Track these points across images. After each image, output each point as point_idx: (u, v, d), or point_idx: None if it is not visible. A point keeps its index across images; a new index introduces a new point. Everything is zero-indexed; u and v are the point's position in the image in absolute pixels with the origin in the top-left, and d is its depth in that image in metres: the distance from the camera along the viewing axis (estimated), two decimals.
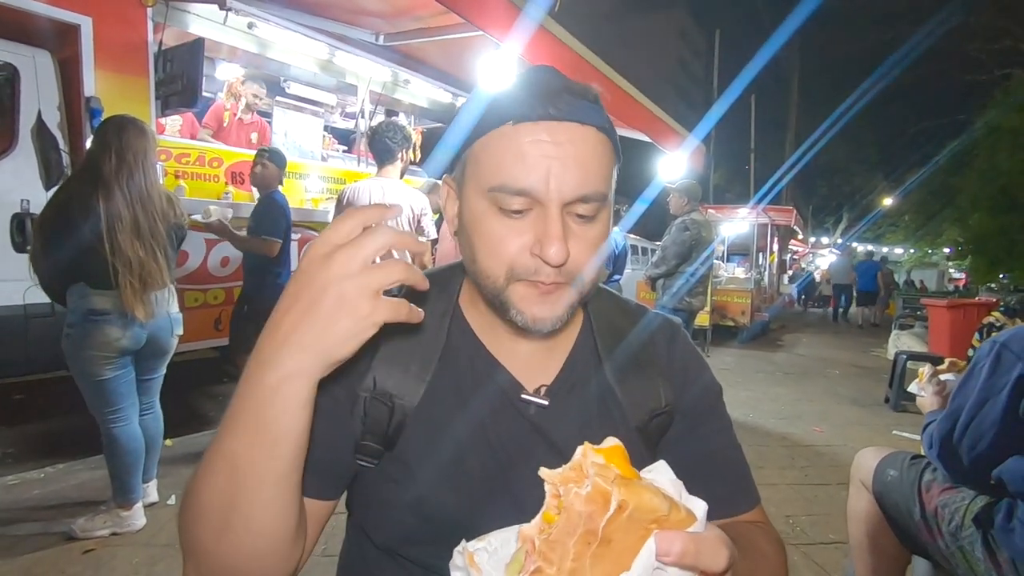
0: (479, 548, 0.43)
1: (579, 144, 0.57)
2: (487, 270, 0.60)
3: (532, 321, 0.59)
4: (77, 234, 2.02)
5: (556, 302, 0.59)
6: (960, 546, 1.31)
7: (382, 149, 2.96)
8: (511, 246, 0.58)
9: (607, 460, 0.36)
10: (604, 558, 0.34)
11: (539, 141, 0.56)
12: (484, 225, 0.59)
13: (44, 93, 3.04)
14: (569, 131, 0.56)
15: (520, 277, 0.58)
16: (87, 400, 2.16)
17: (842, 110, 20.16)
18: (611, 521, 0.33)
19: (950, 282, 26.44)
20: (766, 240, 12.20)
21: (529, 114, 0.56)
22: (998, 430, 1.23)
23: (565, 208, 0.57)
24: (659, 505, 0.34)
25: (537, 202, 0.56)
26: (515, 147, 0.56)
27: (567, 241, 0.56)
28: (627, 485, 0.34)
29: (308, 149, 4.84)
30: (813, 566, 2.24)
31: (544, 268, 0.57)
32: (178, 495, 2.53)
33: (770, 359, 7.32)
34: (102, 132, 2.13)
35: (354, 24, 4.06)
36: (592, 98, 0.60)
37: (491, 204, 0.58)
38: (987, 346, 1.30)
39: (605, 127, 0.60)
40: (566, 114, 0.56)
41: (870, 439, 3.84)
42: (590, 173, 0.57)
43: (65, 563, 2.01)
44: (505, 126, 0.57)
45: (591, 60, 3.81)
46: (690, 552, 0.35)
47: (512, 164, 0.56)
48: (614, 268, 4.97)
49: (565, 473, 0.36)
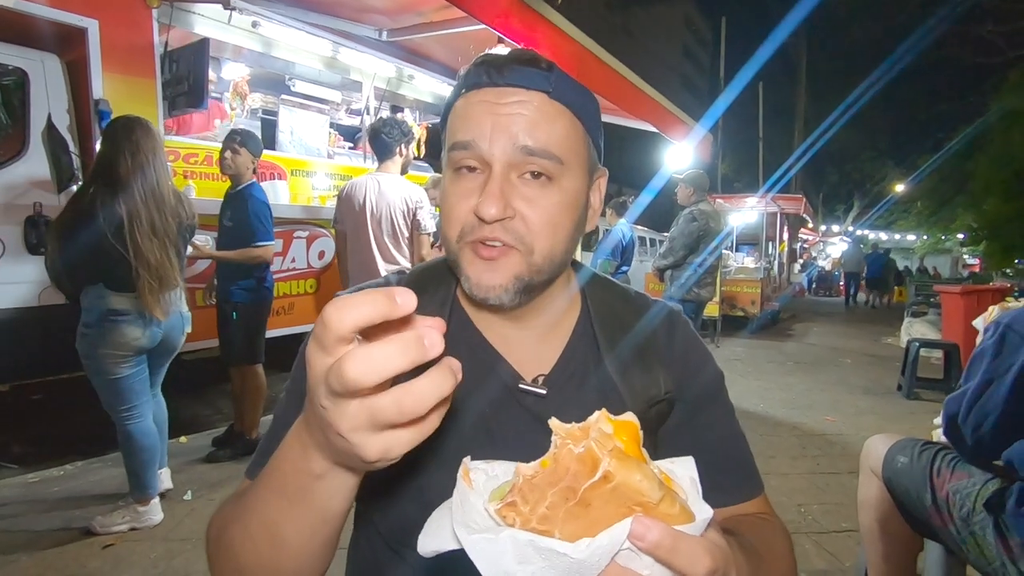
0: (479, 467, 0.44)
1: (523, 105, 0.59)
2: (446, 235, 0.63)
3: (476, 287, 0.60)
4: (99, 237, 2.05)
5: (498, 268, 0.60)
6: (972, 531, 1.30)
7: (380, 145, 2.98)
8: (461, 207, 0.60)
9: (615, 432, 0.36)
10: (577, 517, 0.34)
11: (485, 102, 0.60)
12: (446, 193, 0.63)
13: (53, 96, 3.08)
14: (515, 94, 0.59)
15: (467, 238, 0.60)
16: (102, 398, 2.20)
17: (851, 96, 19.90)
18: (593, 487, 0.33)
19: (964, 268, 26.09)
20: (775, 229, 12.08)
21: (477, 82, 0.61)
22: (1002, 411, 1.23)
23: (513, 168, 0.59)
24: (648, 491, 0.34)
25: (485, 163, 0.59)
26: (465, 110, 0.61)
27: (512, 201, 0.59)
28: (621, 459, 0.34)
29: (314, 146, 4.86)
30: (825, 555, 2.24)
31: (483, 226, 0.58)
32: (194, 491, 2.57)
33: (781, 349, 7.29)
34: (111, 134, 2.16)
35: (357, 20, 4.06)
36: (543, 66, 0.61)
37: (451, 170, 0.62)
38: (992, 327, 1.29)
39: (556, 94, 0.60)
40: (509, 80, 0.60)
41: (882, 427, 3.81)
42: (535, 131, 0.59)
43: (85, 558, 2.05)
44: (461, 97, 0.62)
45: (595, 51, 3.80)
46: (665, 546, 0.33)
47: (461, 123, 0.61)
48: (622, 259, 4.97)
49: (572, 430, 0.37)
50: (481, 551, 0.34)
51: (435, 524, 0.40)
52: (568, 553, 0.32)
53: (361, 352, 0.32)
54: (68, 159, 2.97)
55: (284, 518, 0.46)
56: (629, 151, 17.24)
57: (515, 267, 0.60)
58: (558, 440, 0.37)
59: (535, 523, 0.34)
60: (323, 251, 4.28)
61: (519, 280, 0.60)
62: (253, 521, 0.48)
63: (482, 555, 0.34)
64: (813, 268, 19.44)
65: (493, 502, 0.37)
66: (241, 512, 0.50)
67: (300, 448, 0.42)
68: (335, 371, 0.33)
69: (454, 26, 3.66)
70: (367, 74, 5.02)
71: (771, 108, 18.62)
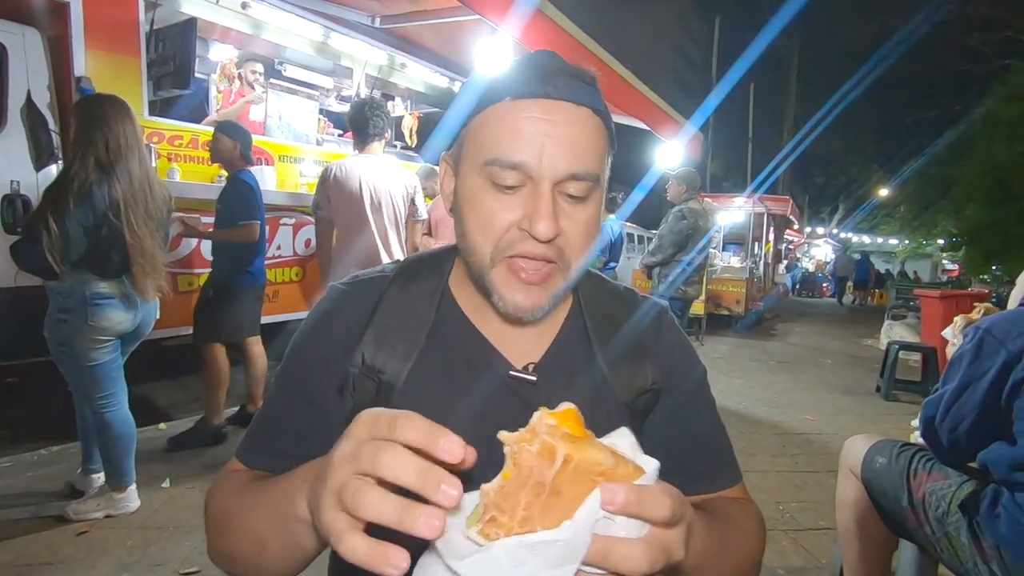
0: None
1: (574, 124, 0.58)
2: (475, 245, 0.61)
3: (513, 308, 0.60)
4: (98, 220, 2.00)
5: (540, 292, 0.60)
6: (946, 532, 1.33)
7: (368, 126, 2.80)
8: (501, 221, 0.58)
9: (560, 422, 0.39)
10: (553, 507, 0.36)
11: (534, 118, 0.57)
12: (477, 200, 0.60)
13: (33, 72, 2.98)
14: (564, 110, 0.58)
15: (505, 253, 0.59)
16: (77, 387, 2.16)
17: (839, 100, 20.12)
18: (559, 474, 0.36)
19: (944, 273, 26.58)
20: (762, 230, 12.21)
21: (526, 91, 0.58)
22: (977, 414, 1.26)
23: (556, 187, 0.58)
24: (603, 459, 0.37)
25: (529, 179, 0.57)
26: (511, 122, 0.58)
27: (557, 219, 0.57)
28: (573, 442, 0.37)
29: (303, 132, 4.78)
30: (802, 552, 2.28)
31: (530, 242, 0.57)
32: (172, 478, 2.54)
33: (764, 348, 7.37)
34: (95, 112, 2.08)
35: (350, 5, 4.01)
36: (589, 80, 0.61)
37: (485, 179, 0.59)
38: (971, 332, 1.32)
39: (600, 110, 0.61)
40: (562, 94, 0.58)
41: (861, 427, 3.87)
42: (583, 152, 0.58)
43: (58, 545, 2.02)
44: (502, 103, 0.59)
45: (588, 45, 3.78)
46: (633, 501, 0.36)
47: (507, 138, 0.57)
48: (610, 256, 4.97)
49: (521, 435, 0.38)
50: (478, 570, 0.35)
51: (423, 570, 0.40)
52: (555, 539, 0.35)
53: (403, 459, 0.36)
54: (47, 137, 2.89)
55: (269, 536, 0.50)
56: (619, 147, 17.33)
57: (555, 286, 0.61)
58: (512, 448, 0.38)
59: (517, 528, 0.36)
60: (309, 239, 4.22)
61: (555, 298, 0.61)
62: (246, 524, 0.53)
63: (480, 573, 0.35)
64: (797, 269, 20.04)
65: (472, 527, 0.37)
66: (239, 509, 0.55)
67: (292, 486, 0.47)
68: (375, 451, 0.36)
69: (448, 15, 3.63)
70: (358, 60, 4.96)
71: (761, 109, 18.80)
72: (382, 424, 0.38)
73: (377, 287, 0.69)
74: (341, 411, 0.65)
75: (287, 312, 4.09)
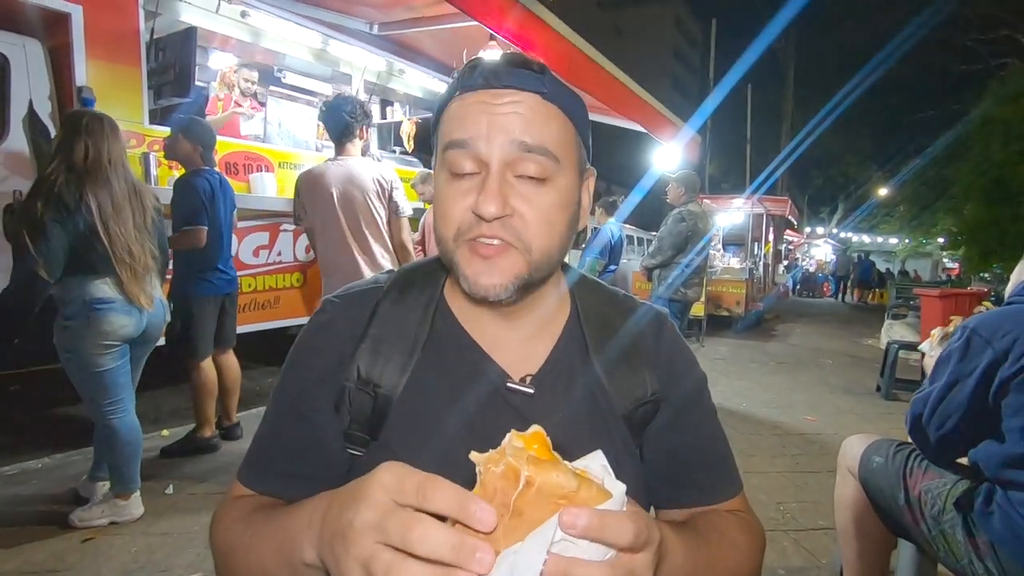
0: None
1: (518, 104, 0.60)
2: (440, 234, 0.63)
3: (476, 286, 0.60)
4: (65, 214, 2.00)
5: (499, 268, 0.60)
6: (942, 530, 1.34)
7: (340, 125, 2.62)
8: (458, 207, 0.60)
9: (526, 445, 0.40)
10: (516, 529, 0.36)
11: (480, 103, 0.60)
12: (440, 191, 0.63)
13: (35, 83, 3.02)
14: (510, 95, 0.60)
15: (465, 237, 0.60)
16: (85, 393, 2.16)
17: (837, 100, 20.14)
18: (521, 496, 0.36)
19: (944, 271, 26.56)
20: (761, 230, 12.22)
21: (473, 85, 0.61)
22: (964, 412, 1.27)
23: (509, 168, 0.59)
24: (566, 482, 0.37)
25: (483, 163, 0.59)
26: (461, 110, 0.62)
27: (511, 199, 0.59)
28: (537, 464, 0.37)
29: (302, 139, 4.81)
30: (803, 552, 2.29)
31: (484, 224, 0.59)
32: (176, 485, 2.55)
33: (764, 349, 7.38)
34: (69, 126, 2.11)
35: (348, 13, 4.04)
36: (536, 68, 0.63)
37: (447, 172, 0.62)
38: (958, 331, 1.33)
39: (549, 95, 0.62)
40: (504, 82, 0.61)
41: (861, 427, 3.88)
42: (530, 129, 0.59)
43: (64, 552, 2.03)
44: (454, 99, 0.63)
45: (585, 50, 3.81)
46: (594, 526, 0.36)
47: (457, 123, 0.61)
48: (610, 258, 4.99)
49: (490, 455, 0.39)
50: None
51: None
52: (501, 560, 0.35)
53: (436, 533, 0.35)
54: (49, 147, 2.91)
55: (274, 571, 0.50)
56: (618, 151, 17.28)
57: (515, 266, 0.60)
58: (480, 469, 0.39)
59: None
60: (309, 245, 4.25)
61: (519, 278, 0.61)
62: (253, 563, 0.53)
63: None
64: (797, 270, 20.07)
65: None
66: (244, 547, 0.55)
67: (298, 530, 0.47)
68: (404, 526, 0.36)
69: (446, 22, 3.66)
70: (357, 67, 4.99)
71: (759, 110, 18.83)
72: (408, 491, 0.38)
73: (371, 299, 0.69)
74: (338, 427, 0.65)
75: (288, 318, 4.10)
